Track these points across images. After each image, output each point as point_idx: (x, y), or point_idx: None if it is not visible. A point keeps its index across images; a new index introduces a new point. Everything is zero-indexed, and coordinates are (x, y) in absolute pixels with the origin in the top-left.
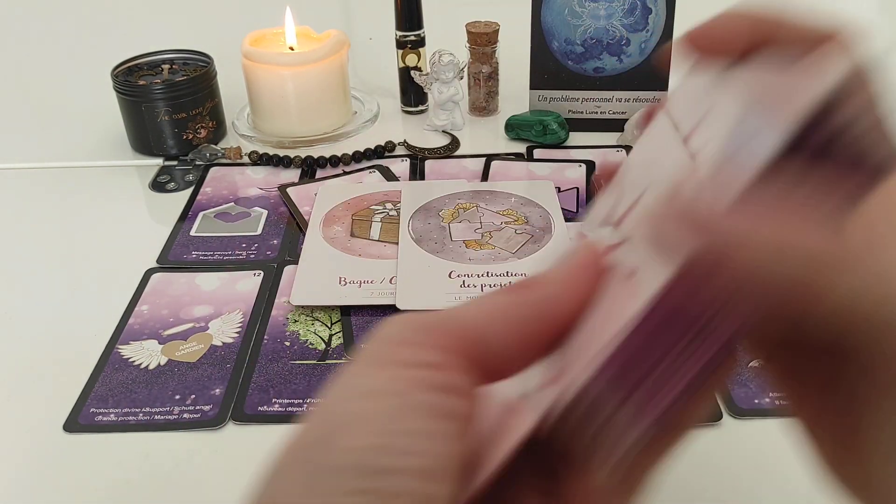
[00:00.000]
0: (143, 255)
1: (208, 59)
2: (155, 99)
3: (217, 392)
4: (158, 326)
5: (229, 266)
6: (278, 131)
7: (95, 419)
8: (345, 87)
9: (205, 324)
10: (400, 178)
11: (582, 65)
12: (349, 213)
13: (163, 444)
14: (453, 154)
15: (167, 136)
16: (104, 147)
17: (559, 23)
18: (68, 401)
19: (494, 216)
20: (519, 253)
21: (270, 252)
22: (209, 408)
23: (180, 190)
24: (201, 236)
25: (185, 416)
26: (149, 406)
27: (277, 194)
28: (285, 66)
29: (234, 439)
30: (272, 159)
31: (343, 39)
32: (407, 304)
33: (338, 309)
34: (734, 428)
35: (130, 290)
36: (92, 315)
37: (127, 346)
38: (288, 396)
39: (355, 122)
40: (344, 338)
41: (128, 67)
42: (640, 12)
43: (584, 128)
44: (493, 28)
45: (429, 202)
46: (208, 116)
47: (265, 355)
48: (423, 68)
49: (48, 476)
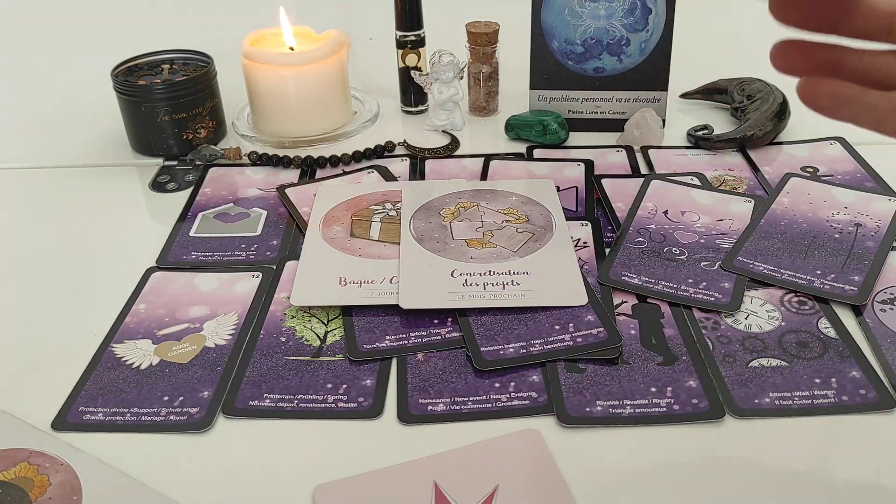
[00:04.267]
0: (142, 254)
1: (208, 59)
2: (155, 99)
3: (205, 395)
4: (154, 326)
5: (229, 267)
6: (278, 131)
7: (84, 418)
8: (345, 87)
9: (199, 325)
10: (399, 177)
11: (582, 65)
12: (349, 213)
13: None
14: (453, 154)
15: (167, 136)
16: (104, 147)
17: (559, 23)
18: (59, 398)
19: (495, 215)
20: (521, 251)
21: (270, 252)
22: (196, 410)
23: (180, 190)
24: (201, 237)
25: (171, 419)
26: (137, 406)
27: (277, 195)
28: (285, 66)
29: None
30: (272, 159)
31: (343, 39)
32: (410, 303)
33: (336, 306)
34: (735, 428)
35: (129, 290)
36: (90, 314)
37: (121, 344)
38: (279, 392)
39: (355, 122)
40: (346, 338)
41: (128, 67)
42: (640, 12)
43: (584, 128)
44: (493, 28)
45: (429, 201)
46: (208, 116)
47: (260, 350)
48: (423, 68)
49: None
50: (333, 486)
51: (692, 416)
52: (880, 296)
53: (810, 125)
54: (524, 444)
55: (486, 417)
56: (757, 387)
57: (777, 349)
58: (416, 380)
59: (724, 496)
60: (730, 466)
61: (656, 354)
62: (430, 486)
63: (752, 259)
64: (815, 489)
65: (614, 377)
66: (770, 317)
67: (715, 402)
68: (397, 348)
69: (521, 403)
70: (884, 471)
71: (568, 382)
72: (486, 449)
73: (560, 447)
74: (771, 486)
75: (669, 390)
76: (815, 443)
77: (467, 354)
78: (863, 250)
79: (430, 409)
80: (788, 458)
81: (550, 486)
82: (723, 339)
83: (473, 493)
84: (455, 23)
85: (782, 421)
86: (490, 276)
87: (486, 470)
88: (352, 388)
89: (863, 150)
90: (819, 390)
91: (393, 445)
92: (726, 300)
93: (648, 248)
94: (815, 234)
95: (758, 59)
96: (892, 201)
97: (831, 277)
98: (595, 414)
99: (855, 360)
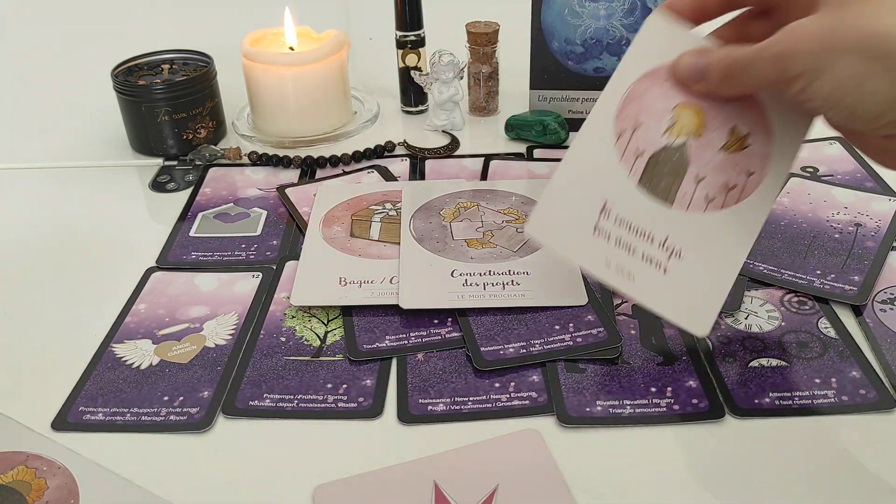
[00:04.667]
0: (142, 254)
1: (208, 59)
2: (155, 99)
3: (205, 394)
4: (154, 326)
5: (229, 267)
6: (278, 131)
7: (84, 418)
8: (345, 87)
9: (199, 325)
10: (399, 177)
11: (582, 65)
12: (348, 213)
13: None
14: (453, 154)
15: (167, 136)
16: (104, 147)
17: (559, 23)
18: (59, 398)
19: (496, 215)
20: (521, 251)
21: (270, 253)
22: (196, 410)
23: (180, 190)
24: (201, 237)
25: (171, 419)
26: (137, 406)
27: (277, 195)
28: (285, 66)
29: (224, 434)
30: (272, 159)
31: (343, 39)
32: (410, 303)
33: (336, 306)
34: (735, 427)
35: (129, 290)
36: (90, 313)
37: (121, 344)
38: (279, 392)
39: (355, 122)
40: (346, 338)
41: (128, 67)
42: (640, 12)
43: None
44: (493, 28)
45: (429, 201)
46: (208, 116)
47: (260, 350)
48: (423, 68)
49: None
50: (333, 486)
51: (692, 416)
52: (880, 296)
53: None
54: (524, 444)
55: (486, 417)
56: (757, 387)
57: (777, 349)
58: (416, 380)
59: (725, 496)
60: (730, 466)
61: (656, 354)
62: (430, 486)
63: (752, 259)
64: (815, 489)
65: (614, 377)
66: (770, 317)
67: (715, 402)
68: (397, 348)
69: (521, 403)
70: (884, 470)
71: (568, 382)
72: (486, 449)
73: (560, 447)
74: (771, 486)
75: (669, 390)
76: (816, 443)
77: (467, 354)
78: (863, 250)
79: (430, 409)
80: (789, 458)
81: (550, 486)
82: (723, 339)
83: (473, 493)
84: (455, 23)
85: (782, 421)
86: (490, 276)
87: (486, 470)
88: (352, 388)
89: None
90: (819, 390)
91: (393, 445)
92: (727, 300)
93: None
94: (815, 234)
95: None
96: (892, 201)
97: (831, 277)
98: (595, 414)
99: (855, 360)
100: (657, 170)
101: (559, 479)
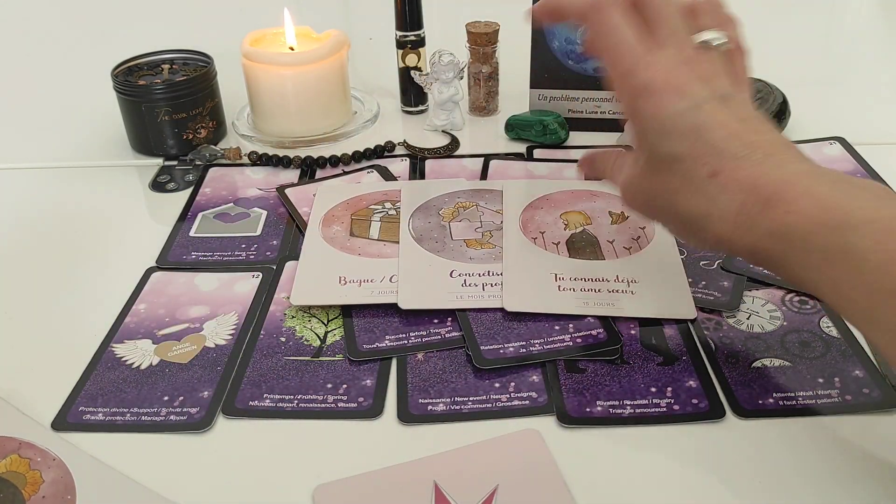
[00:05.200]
0: (142, 254)
1: (208, 59)
2: (155, 99)
3: (205, 395)
4: (154, 326)
5: (228, 267)
6: (278, 131)
7: (84, 418)
8: (345, 87)
9: (199, 325)
10: (399, 177)
11: (582, 64)
12: (348, 212)
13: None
14: (453, 154)
15: (167, 136)
16: (104, 147)
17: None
18: (59, 398)
19: (494, 215)
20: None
21: (270, 253)
22: (196, 410)
23: (180, 190)
24: (201, 237)
25: (171, 418)
26: (137, 406)
27: (277, 195)
28: (285, 66)
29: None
30: (272, 159)
31: (343, 39)
32: (408, 303)
33: (336, 306)
34: (737, 427)
35: (129, 290)
36: (90, 314)
37: (121, 344)
38: (279, 392)
39: (355, 122)
40: (346, 338)
41: (128, 67)
42: None
43: (584, 128)
44: (493, 28)
45: (428, 201)
46: (208, 116)
47: (260, 350)
48: (423, 68)
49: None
50: (333, 486)
51: (692, 416)
52: None
53: (810, 125)
54: (524, 444)
55: (486, 417)
56: (760, 387)
57: (779, 349)
58: (416, 380)
59: (725, 496)
60: (731, 467)
61: (656, 354)
62: (430, 486)
63: None
64: (819, 489)
65: (614, 377)
66: (772, 317)
67: (715, 402)
68: (397, 348)
69: (521, 403)
70: (889, 470)
71: (568, 382)
72: (486, 449)
73: (560, 447)
74: (774, 487)
75: (669, 390)
76: (819, 443)
77: (467, 353)
78: None
79: (430, 409)
80: (791, 458)
81: (550, 486)
82: (725, 339)
83: (473, 493)
84: (455, 23)
85: (787, 421)
86: (489, 277)
87: (486, 470)
88: (352, 388)
89: (863, 150)
90: (823, 390)
91: (393, 445)
92: (725, 299)
93: None
94: None
95: (757, 60)
96: None
97: None
98: (595, 414)
99: (858, 359)
100: (577, 246)
101: (559, 479)
